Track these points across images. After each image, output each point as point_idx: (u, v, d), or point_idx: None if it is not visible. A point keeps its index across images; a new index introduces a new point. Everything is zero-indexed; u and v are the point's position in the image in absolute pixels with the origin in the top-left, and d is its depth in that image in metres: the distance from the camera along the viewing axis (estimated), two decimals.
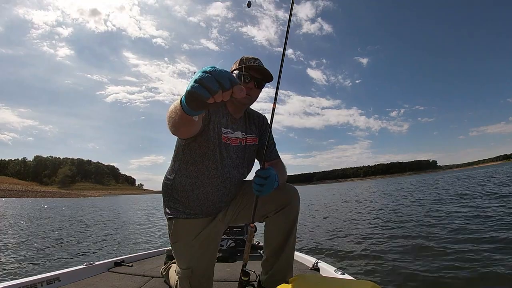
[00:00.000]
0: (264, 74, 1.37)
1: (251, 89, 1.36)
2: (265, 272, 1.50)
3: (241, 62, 1.39)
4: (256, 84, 1.37)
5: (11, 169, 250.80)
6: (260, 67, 1.36)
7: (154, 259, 2.68)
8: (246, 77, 1.35)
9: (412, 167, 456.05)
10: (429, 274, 3.13)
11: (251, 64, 1.35)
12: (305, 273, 2.02)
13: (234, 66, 1.43)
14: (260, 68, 1.35)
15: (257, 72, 1.36)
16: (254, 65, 1.35)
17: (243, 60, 1.39)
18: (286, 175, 1.53)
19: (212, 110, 1.34)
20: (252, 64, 1.35)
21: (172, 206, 1.43)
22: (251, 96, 1.38)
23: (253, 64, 1.35)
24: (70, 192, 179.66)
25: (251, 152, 1.52)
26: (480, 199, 9.21)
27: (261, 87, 1.40)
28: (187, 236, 1.40)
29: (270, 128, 1.40)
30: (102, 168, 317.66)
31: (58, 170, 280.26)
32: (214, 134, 1.34)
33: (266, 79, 1.39)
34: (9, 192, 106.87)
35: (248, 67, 1.34)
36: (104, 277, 2.11)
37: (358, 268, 3.60)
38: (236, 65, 1.41)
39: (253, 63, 1.36)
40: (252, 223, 1.31)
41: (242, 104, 1.42)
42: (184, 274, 1.43)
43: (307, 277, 1.43)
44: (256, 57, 1.41)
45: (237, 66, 1.40)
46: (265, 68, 1.36)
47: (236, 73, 1.37)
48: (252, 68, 1.35)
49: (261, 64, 1.39)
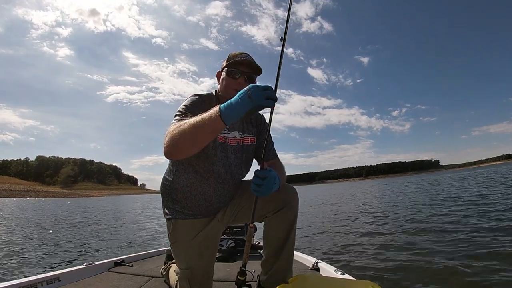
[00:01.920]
0: (253, 68, 1.38)
1: (242, 85, 1.34)
2: (265, 272, 1.49)
3: (229, 59, 1.40)
4: (246, 79, 1.38)
5: (13, 169, 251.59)
6: (247, 60, 1.36)
7: (154, 259, 2.67)
8: (235, 73, 1.36)
9: (415, 166, 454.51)
10: (429, 274, 3.13)
11: (238, 59, 1.36)
12: (305, 273, 2.01)
13: (223, 63, 1.44)
14: (248, 62, 1.36)
15: (246, 67, 1.37)
16: (241, 60, 1.35)
17: (231, 56, 1.41)
18: (285, 175, 1.52)
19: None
20: (240, 59, 1.36)
21: (171, 206, 1.43)
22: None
23: (241, 59, 1.36)
24: (72, 192, 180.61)
25: (249, 152, 1.51)
26: (481, 199, 9.16)
27: (252, 81, 1.40)
28: (186, 236, 1.40)
29: (269, 128, 1.36)
30: (104, 168, 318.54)
31: (60, 170, 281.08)
32: None
33: (255, 73, 1.40)
34: (11, 192, 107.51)
35: (236, 62, 1.35)
36: (104, 277, 2.11)
37: (358, 268, 3.60)
38: (225, 62, 1.43)
39: (240, 58, 1.37)
40: (252, 223, 1.30)
41: None
42: (184, 274, 1.42)
43: (307, 277, 1.43)
44: (244, 52, 1.42)
45: (225, 64, 1.41)
46: (253, 61, 1.37)
47: (225, 70, 1.39)
48: (240, 63, 1.36)
49: (248, 58, 1.40)
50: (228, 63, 1.38)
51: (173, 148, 1.09)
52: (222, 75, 1.42)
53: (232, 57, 1.40)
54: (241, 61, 1.36)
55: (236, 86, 1.34)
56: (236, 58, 1.37)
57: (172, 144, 1.08)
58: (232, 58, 1.39)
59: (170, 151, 1.10)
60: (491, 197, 9.32)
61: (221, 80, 1.42)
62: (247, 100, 0.96)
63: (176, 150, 1.10)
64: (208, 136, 1.07)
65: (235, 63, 1.36)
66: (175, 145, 1.08)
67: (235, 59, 1.37)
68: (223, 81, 1.40)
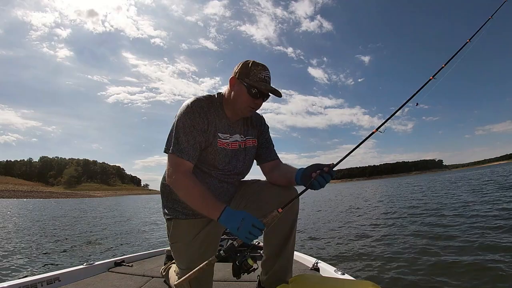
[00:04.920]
0: (273, 92, 1.35)
1: (259, 105, 1.36)
2: (265, 272, 1.50)
3: (251, 72, 1.32)
4: (265, 100, 1.38)
5: (16, 170, 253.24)
6: (269, 86, 1.34)
7: (154, 259, 2.68)
8: (256, 93, 1.32)
9: (418, 166, 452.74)
10: (429, 274, 3.13)
11: (262, 78, 1.32)
12: (305, 273, 2.01)
13: (239, 69, 1.35)
14: (269, 86, 1.34)
15: (268, 89, 1.33)
16: (265, 84, 1.33)
17: (252, 69, 1.32)
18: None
19: (211, 118, 1.35)
20: (263, 78, 1.33)
21: (170, 206, 1.43)
22: (255, 109, 1.40)
23: (264, 78, 1.33)
24: (75, 192, 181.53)
25: (250, 154, 1.51)
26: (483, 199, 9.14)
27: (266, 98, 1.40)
28: (186, 237, 1.40)
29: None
30: (107, 169, 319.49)
31: (64, 171, 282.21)
32: (211, 139, 1.34)
33: (274, 94, 1.37)
34: (15, 192, 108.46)
35: (260, 83, 1.31)
36: (104, 277, 2.12)
37: (358, 268, 3.61)
38: (244, 69, 1.34)
39: (264, 76, 1.33)
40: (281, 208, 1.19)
41: (246, 115, 1.43)
42: (184, 274, 1.42)
43: (307, 277, 1.43)
44: (265, 65, 1.36)
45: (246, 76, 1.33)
46: (275, 89, 1.34)
47: (245, 85, 1.32)
48: (264, 85, 1.32)
49: (269, 74, 1.36)
50: (250, 80, 1.31)
51: (176, 191, 1.27)
52: (238, 85, 1.34)
53: (254, 71, 1.32)
54: (264, 84, 1.32)
55: (253, 105, 1.35)
56: (259, 75, 1.32)
57: (177, 191, 1.27)
58: (255, 74, 1.32)
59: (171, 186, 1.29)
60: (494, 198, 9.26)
61: (236, 90, 1.35)
62: (235, 228, 1.12)
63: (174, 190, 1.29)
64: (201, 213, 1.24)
65: (259, 83, 1.31)
66: (178, 192, 1.27)
67: (258, 76, 1.31)
68: (239, 93, 1.34)
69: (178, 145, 1.26)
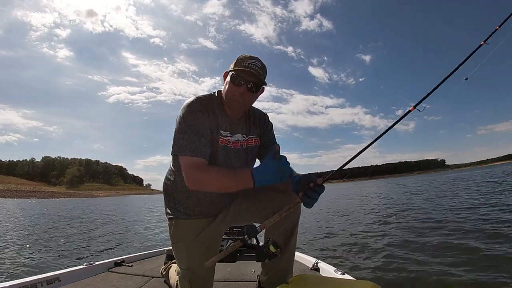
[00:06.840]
0: (258, 78, 1.30)
1: (243, 93, 1.29)
2: (265, 272, 1.50)
3: (237, 62, 1.31)
4: (250, 88, 1.30)
5: (19, 170, 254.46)
6: (252, 71, 1.28)
7: (154, 259, 2.69)
8: (239, 80, 1.28)
9: (420, 166, 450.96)
10: (429, 274, 3.12)
11: (246, 65, 1.28)
12: (305, 273, 2.01)
13: (231, 65, 1.34)
14: (252, 73, 1.28)
15: (251, 76, 1.28)
16: (246, 70, 1.27)
17: (239, 59, 1.31)
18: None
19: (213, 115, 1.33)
20: (247, 65, 1.28)
21: (172, 206, 1.43)
22: (244, 100, 1.32)
23: (247, 65, 1.28)
24: (78, 192, 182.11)
25: (253, 154, 1.49)
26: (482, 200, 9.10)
27: (255, 90, 1.32)
28: (188, 237, 1.40)
29: None
30: (110, 169, 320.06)
31: (66, 171, 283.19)
32: (213, 136, 1.33)
33: (260, 83, 1.33)
34: (17, 192, 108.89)
35: (241, 70, 1.28)
36: (104, 277, 2.13)
37: (358, 268, 3.61)
38: (234, 62, 1.34)
39: (248, 63, 1.28)
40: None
41: (236, 108, 1.36)
42: (185, 274, 1.43)
43: (307, 277, 1.43)
44: (255, 56, 1.33)
45: (232, 67, 1.32)
46: (259, 72, 1.29)
47: (230, 74, 1.31)
48: (246, 72, 1.28)
49: (258, 64, 1.30)
50: (234, 68, 1.30)
51: (207, 189, 1.28)
52: (226, 77, 1.35)
53: (240, 60, 1.30)
54: (246, 71, 1.27)
55: (238, 94, 1.29)
56: (243, 63, 1.29)
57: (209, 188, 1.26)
58: (239, 62, 1.30)
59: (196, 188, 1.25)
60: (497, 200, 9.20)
61: (224, 83, 1.35)
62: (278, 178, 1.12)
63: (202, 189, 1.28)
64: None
65: (240, 70, 1.28)
66: (211, 188, 1.26)
67: (241, 64, 1.29)
68: (226, 84, 1.34)
69: (190, 145, 1.23)
